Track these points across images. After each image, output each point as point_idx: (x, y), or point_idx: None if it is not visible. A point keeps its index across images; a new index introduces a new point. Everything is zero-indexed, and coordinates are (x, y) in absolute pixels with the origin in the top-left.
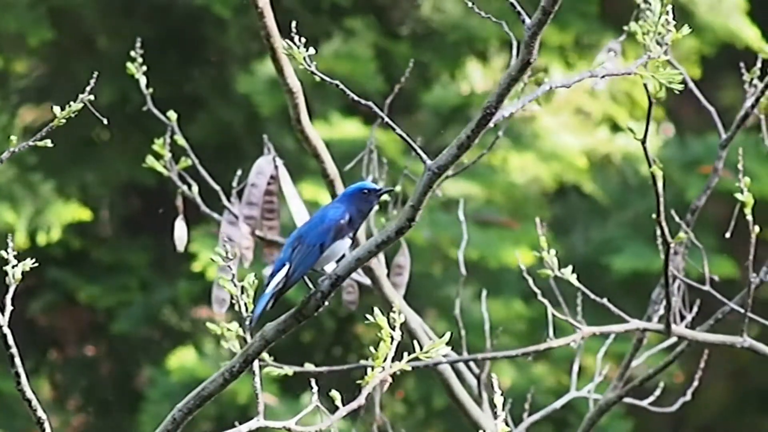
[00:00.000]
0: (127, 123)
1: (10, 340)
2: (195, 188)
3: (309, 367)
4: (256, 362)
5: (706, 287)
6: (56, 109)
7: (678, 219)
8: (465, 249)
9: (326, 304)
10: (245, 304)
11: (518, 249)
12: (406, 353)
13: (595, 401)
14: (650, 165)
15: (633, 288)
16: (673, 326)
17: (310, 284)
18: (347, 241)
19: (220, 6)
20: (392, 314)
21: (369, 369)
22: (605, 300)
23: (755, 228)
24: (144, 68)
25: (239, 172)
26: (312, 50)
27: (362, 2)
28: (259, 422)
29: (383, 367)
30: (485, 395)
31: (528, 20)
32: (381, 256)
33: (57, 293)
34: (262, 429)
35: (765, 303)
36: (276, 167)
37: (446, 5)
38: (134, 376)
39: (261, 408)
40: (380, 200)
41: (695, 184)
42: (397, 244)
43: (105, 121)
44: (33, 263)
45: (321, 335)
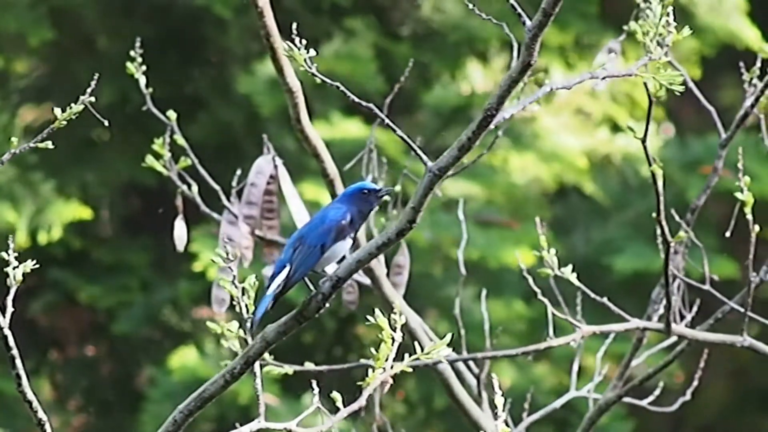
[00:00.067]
0: (128, 123)
1: (11, 342)
2: (195, 188)
3: (309, 366)
4: (257, 363)
5: (706, 286)
6: (57, 111)
7: (678, 219)
8: (466, 249)
9: (327, 306)
10: (246, 306)
11: (519, 249)
12: (407, 353)
13: (595, 401)
14: (650, 164)
15: (634, 288)
16: (673, 325)
17: (311, 286)
18: (348, 242)
19: (221, 6)
20: (393, 315)
21: (370, 369)
22: (605, 299)
23: (755, 227)
24: (144, 68)
25: (239, 172)
26: (313, 52)
27: (362, 3)
28: (260, 424)
29: (384, 369)
30: (485, 395)
31: (529, 22)
32: (381, 256)
33: (57, 293)
34: (263, 430)
35: (765, 303)
36: (275, 167)
37: (446, 5)
38: (135, 377)
39: (262, 410)
40: (381, 201)
41: (696, 185)
42: (397, 244)
43: (106, 123)
44: (34, 264)
45: (322, 336)
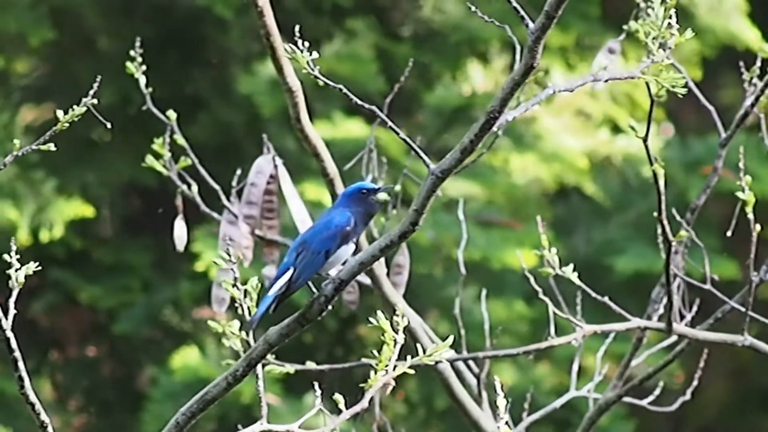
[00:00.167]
0: (128, 123)
1: (14, 344)
2: (195, 188)
3: (311, 366)
4: (260, 365)
5: (707, 286)
6: (59, 113)
7: (679, 218)
8: (467, 250)
9: (330, 308)
10: (248, 308)
11: (520, 250)
12: (407, 353)
13: (595, 401)
14: (651, 163)
15: (635, 289)
16: (675, 325)
17: (314, 288)
18: (352, 246)
19: (222, 6)
20: (395, 317)
21: (372, 371)
22: (606, 298)
23: (756, 226)
24: (144, 68)
25: (239, 172)
26: (315, 54)
27: (363, 3)
28: (263, 426)
29: (386, 371)
30: (485, 395)
31: (531, 24)
32: None
33: (58, 294)
34: None
35: (765, 303)
36: (275, 166)
37: (447, 6)
38: (135, 377)
39: (264, 411)
40: (382, 202)
41: (697, 185)
42: None
43: (108, 125)
44: (36, 266)
45: (323, 336)
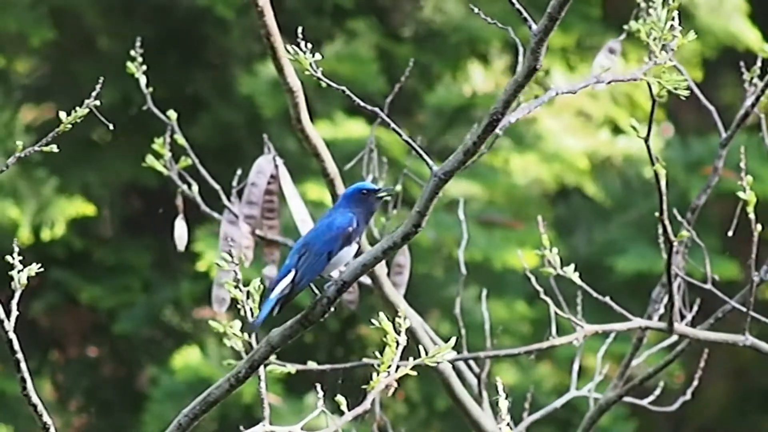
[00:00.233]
0: (129, 124)
1: (16, 346)
2: (195, 188)
3: (312, 366)
4: (262, 366)
5: (708, 286)
6: (62, 115)
7: (681, 218)
8: (469, 250)
9: (332, 310)
10: (251, 310)
11: (522, 250)
12: (408, 353)
13: (596, 400)
14: (653, 163)
15: (636, 289)
16: (676, 324)
17: (316, 290)
18: (354, 247)
19: (223, 7)
20: (397, 319)
21: (374, 373)
22: (607, 298)
23: (757, 226)
24: (144, 68)
25: (239, 172)
26: (318, 56)
27: (364, 4)
28: (265, 427)
29: (388, 372)
30: (485, 395)
31: (534, 26)
32: None
33: (59, 294)
34: None
35: (766, 303)
36: (276, 166)
37: (448, 6)
38: (136, 377)
39: (267, 413)
40: (381, 202)
41: (698, 185)
42: None
43: (111, 127)
44: (39, 268)
45: (324, 336)
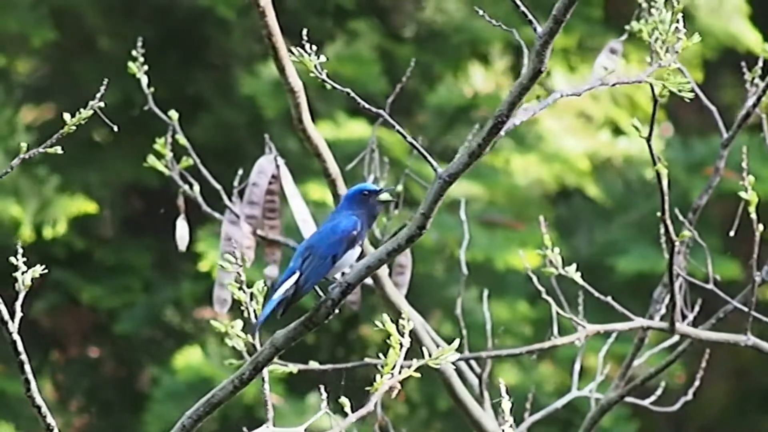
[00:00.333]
0: (129, 124)
1: (21, 347)
2: (196, 188)
3: (314, 365)
4: (265, 368)
5: (710, 286)
6: (66, 116)
7: (682, 218)
8: (470, 250)
9: (336, 312)
10: (254, 311)
11: (523, 250)
12: (409, 353)
13: (597, 401)
14: (655, 163)
15: (637, 289)
16: (677, 324)
17: (320, 292)
18: (358, 250)
19: (224, 7)
20: (401, 320)
21: (377, 373)
22: (609, 298)
23: (759, 226)
24: (146, 68)
25: (240, 172)
26: (323, 58)
27: (365, 4)
28: (268, 429)
29: (392, 373)
30: (486, 395)
31: (539, 29)
32: None
33: (60, 294)
34: None
35: (767, 303)
36: (277, 166)
37: (449, 7)
38: (137, 377)
39: (270, 415)
40: (384, 203)
41: (699, 186)
42: None
43: (115, 128)
44: (42, 269)
45: (325, 336)
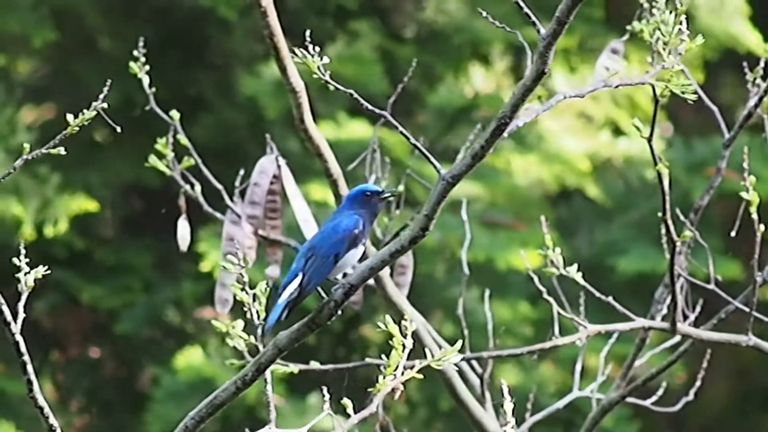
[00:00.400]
0: (130, 125)
1: (23, 348)
2: (198, 188)
3: (315, 366)
4: (268, 369)
5: (711, 286)
6: (69, 117)
7: (683, 219)
8: (472, 250)
9: (339, 313)
10: (257, 312)
11: (524, 250)
12: (410, 353)
13: (598, 401)
14: (656, 163)
15: (638, 290)
16: (679, 325)
17: (323, 293)
18: (360, 249)
19: (225, 7)
20: (404, 322)
21: (380, 376)
22: (610, 298)
23: (760, 226)
24: (147, 68)
25: (242, 172)
26: (326, 59)
27: (366, 5)
28: (271, 430)
29: (394, 375)
30: (488, 395)
31: (543, 31)
32: None
33: (60, 294)
34: None
35: (767, 304)
36: (278, 166)
37: (450, 8)
38: (137, 377)
39: (273, 416)
40: (384, 203)
41: (700, 186)
42: None
43: (119, 129)
44: (45, 270)
45: (326, 336)
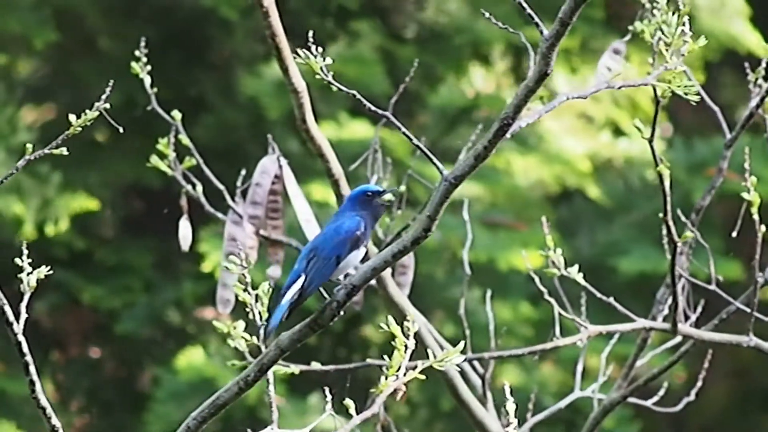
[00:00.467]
0: (130, 125)
1: (25, 348)
2: (199, 188)
3: (316, 366)
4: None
5: (712, 287)
6: (72, 117)
7: (684, 219)
8: (473, 251)
9: (342, 314)
10: (260, 313)
11: (526, 251)
12: (411, 354)
13: (600, 401)
14: (657, 164)
15: (639, 290)
16: (680, 325)
17: (325, 294)
18: (362, 251)
19: (227, 8)
20: (406, 322)
21: (382, 377)
22: (611, 299)
23: (761, 227)
24: (148, 68)
25: (243, 172)
26: (329, 60)
27: (367, 5)
28: (273, 431)
29: (397, 376)
30: (489, 395)
31: (546, 32)
32: None
33: (61, 294)
34: None
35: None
36: (280, 167)
37: (450, 8)
38: (137, 377)
39: (275, 416)
40: (386, 203)
41: (701, 187)
42: None
43: (121, 129)
44: (47, 271)
45: (327, 337)
